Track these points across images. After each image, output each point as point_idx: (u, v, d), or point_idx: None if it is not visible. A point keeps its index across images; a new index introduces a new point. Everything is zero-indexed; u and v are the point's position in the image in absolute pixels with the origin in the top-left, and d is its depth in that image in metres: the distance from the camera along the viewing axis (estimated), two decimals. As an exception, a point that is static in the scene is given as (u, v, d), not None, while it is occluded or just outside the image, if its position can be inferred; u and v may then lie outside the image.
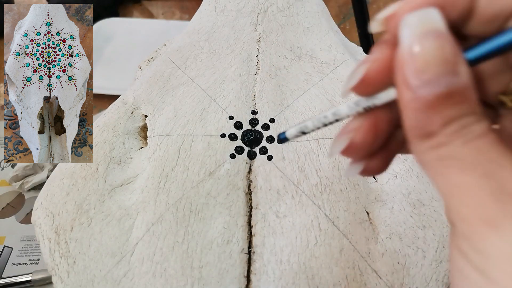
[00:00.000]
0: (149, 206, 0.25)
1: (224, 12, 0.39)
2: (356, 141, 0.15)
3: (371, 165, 0.16)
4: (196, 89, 0.32)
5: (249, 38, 0.36)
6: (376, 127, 0.15)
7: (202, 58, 0.35)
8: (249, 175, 0.27)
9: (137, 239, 0.24)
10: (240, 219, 0.25)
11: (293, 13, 0.39)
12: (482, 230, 0.11)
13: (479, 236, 0.11)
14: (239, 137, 0.29)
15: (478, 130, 0.12)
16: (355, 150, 0.15)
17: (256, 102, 0.31)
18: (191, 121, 0.29)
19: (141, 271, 0.23)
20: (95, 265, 0.24)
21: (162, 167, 0.27)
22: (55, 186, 0.27)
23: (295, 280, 0.22)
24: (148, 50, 0.41)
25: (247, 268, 0.23)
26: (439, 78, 0.12)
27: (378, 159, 0.16)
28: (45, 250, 0.25)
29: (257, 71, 0.33)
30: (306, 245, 0.24)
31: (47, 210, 0.26)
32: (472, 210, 0.12)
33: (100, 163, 0.28)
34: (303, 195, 0.26)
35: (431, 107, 0.12)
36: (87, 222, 0.25)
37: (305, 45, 0.36)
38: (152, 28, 0.71)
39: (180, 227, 0.24)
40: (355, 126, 0.15)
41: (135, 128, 0.31)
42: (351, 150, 0.15)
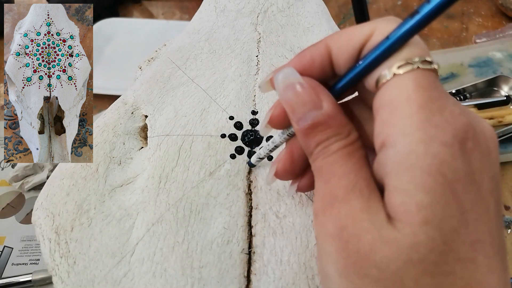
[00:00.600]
0: (149, 206, 0.25)
1: (224, 12, 0.39)
2: (279, 168, 0.21)
3: (301, 184, 0.21)
4: (196, 89, 0.32)
5: (249, 38, 0.36)
6: (292, 156, 0.20)
7: (202, 58, 0.35)
8: (249, 175, 0.27)
9: (137, 239, 0.24)
10: (240, 219, 0.25)
11: (293, 13, 0.39)
12: (314, 220, 0.17)
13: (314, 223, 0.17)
14: (239, 137, 0.29)
15: (333, 148, 0.17)
16: (281, 175, 0.21)
17: (256, 103, 0.31)
18: (191, 121, 0.29)
19: (141, 271, 0.23)
20: (95, 265, 0.24)
21: (162, 167, 0.27)
22: (55, 186, 0.27)
23: (295, 280, 0.22)
24: (148, 50, 0.41)
25: (247, 268, 0.23)
26: (305, 115, 0.17)
27: (306, 179, 0.21)
28: (45, 250, 0.25)
29: (257, 71, 0.33)
30: (306, 245, 0.24)
31: (47, 210, 0.26)
32: (313, 208, 0.17)
33: (100, 163, 0.28)
34: (303, 195, 0.26)
35: (307, 134, 0.17)
36: (87, 222, 0.25)
37: (305, 45, 0.36)
38: (152, 28, 0.71)
39: (180, 227, 0.24)
40: (278, 159, 0.21)
41: (135, 128, 0.31)
42: (279, 176, 0.21)
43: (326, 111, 0.17)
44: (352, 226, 0.15)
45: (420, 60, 0.15)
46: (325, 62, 0.18)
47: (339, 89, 0.18)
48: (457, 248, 0.14)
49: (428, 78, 0.15)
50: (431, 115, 0.15)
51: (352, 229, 0.15)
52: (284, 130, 0.21)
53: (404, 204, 0.14)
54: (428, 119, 0.15)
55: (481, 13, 0.73)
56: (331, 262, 0.16)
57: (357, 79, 0.17)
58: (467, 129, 0.15)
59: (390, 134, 0.15)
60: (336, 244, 0.15)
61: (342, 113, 0.17)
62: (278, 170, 0.21)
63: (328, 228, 0.16)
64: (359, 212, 0.15)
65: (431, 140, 0.14)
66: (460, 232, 0.14)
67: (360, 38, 0.17)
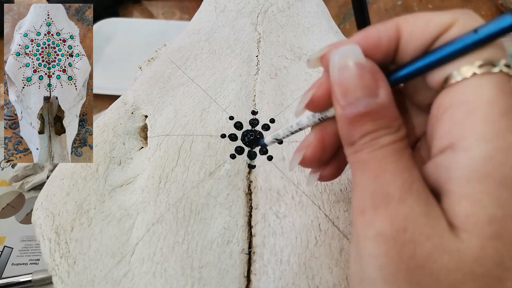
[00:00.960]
0: (149, 206, 0.25)
1: (224, 12, 0.39)
2: (307, 155, 0.19)
3: (325, 173, 0.20)
4: (196, 90, 0.32)
5: (249, 38, 0.36)
6: (323, 142, 0.19)
7: (202, 58, 0.35)
8: (249, 175, 0.27)
9: (137, 239, 0.24)
10: (240, 220, 0.25)
11: (293, 13, 0.39)
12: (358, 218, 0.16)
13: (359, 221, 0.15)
14: (239, 137, 0.29)
15: (383, 142, 0.15)
16: (308, 163, 0.19)
17: (256, 103, 0.31)
18: (191, 121, 0.29)
19: (141, 271, 0.23)
20: (95, 265, 0.24)
21: (162, 167, 0.27)
22: (55, 186, 0.27)
23: (295, 280, 0.22)
24: (148, 50, 0.41)
25: (247, 268, 0.23)
26: (359, 100, 0.15)
27: (331, 168, 0.20)
28: (45, 250, 0.25)
29: (257, 71, 0.33)
30: (306, 246, 0.24)
31: (47, 210, 0.26)
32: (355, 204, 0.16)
33: (100, 163, 0.28)
34: (303, 195, 0.26)
35: (353, 122, 0.16)
36: (87, 222, 0.25)
37: (305, 45, 0.36)
38: (152, 28, 0.71)
39: (180, 227, 0.24)
40: (307, 144, 0.19)
41: (135, 128, 0.31)
42: (305, 163, 0.19)
43: (381, 100, 0.15)
44: (412, 230, 0.14)
45: (504, 63, 0.14)
46: (392, 45, 0.16)
47: (399, 78, 0.17)
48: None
49: (507, 83, 0.14)
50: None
51: (411, 233, 0.14)
52: (316, 113, 0.19)
53: (474, 215, 0.14)
54: (510, 128, 0.14)
55: (481, 13, 0.73)
56: (377, 265, 0.15)
57: (426, 70, 0.16)
58: None
59: (464, 137, 0.14)
60: (387, 246, 0.14)
61: (395, 105, 0.16)
62: (306, 156, 0.19)
63: (380, 228, 0.14)
64: (420, 216, 0.14)
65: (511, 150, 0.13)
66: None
67: (438, 27, 0.15)
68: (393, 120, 0.15)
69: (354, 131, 0.16)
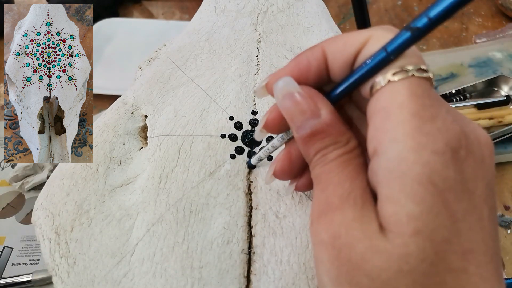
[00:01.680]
0: (149, 207, 0.25)
1: (224, 12, 0.39)
2: (277, 169, 0.21)
3: (300, 184, 0.22)
4: (196, 90, 0.32)
5: (249, 38, 0.36)
6: (290, 157, 0.20)
7: (202, 59, 0.35)
8: (249, 175, 0.27)
9: (137, 240, 0.24)
10: (240, 220, 0.25)
11: (293, 13, 0.39)
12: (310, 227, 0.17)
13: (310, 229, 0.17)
14: (239, 138, 0.29)
15: (331, 157, 0.17)
16: (279, 175, 0.21)
17: (256, 103, 0.31)
18: (191, 121, 0.29)
19: (141, 271, 0.23)
20: (95, 266, 0.24)
21: (162, 167, 0.27)
22: (55, 187, 0.27)
23: (295, 280, 0.22)
24: (148, 50, 0.41)
25: (247, 268, 0.23)
26: (304, 123, 0.17)
27: (305, 179, 0.21)
28: (45, 251, 0.25)
29: (257, 72, 0.33)
30: (306, 246, 0.24)
31: (47, 211, 0.26)
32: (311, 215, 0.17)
33: (100, 164, 0.28)
34: (303, 195, 0.26)
35: (306, 142, 0.17)
36: (87, 222, 0.25)
37: (305, 45, 0.36)
38: (152, 28, 0.71)
39: (180, 227, 0.24)
40: (277, 159, 0.21)
41: (135, 128, 0.31)
42: (277, 175, 0.21)
43: (324, 119, 0.17)
44: (345, 235, 0.15)
45: (415, 68, 0.15)
46: (322, 67, 0.18)
47: (336, 96, 0.19)
48: (448, 259, 0.14)
49: (422, 86, 0.15)
50: (423, 123, 0.15)
51: (345, 238, 0.15)
52: (283, 134, 0.21)
53: (395, 215, 0.14)
54: (420, 127, 0.15)
55: (481, 13, 0.73)
56: (325, 270, 0.16)
57: (353, 87, 0.18)
58: (459, 137, 0.15)
59: (382, 141, 0.15)
60: (329, 252, 0.15)
61: (340, 120, 0.18)
62: (276, 170, 0.21)
63: (321, 236, 0.16)
64: (352, 221, 0.15)
65: (422, 148, 0.14)
66: (452, 242, 0.14)
67: (355, 45, 0.17)
68: (340, 135, 0.17)
69: (309, 150, 0.18)
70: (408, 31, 0.15)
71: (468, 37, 0.68)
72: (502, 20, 0.71)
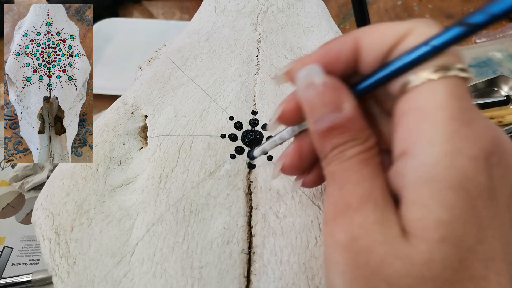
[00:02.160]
0: (149, 207, 0.25)
1: (224, 12, 0.39)
2: (286, 164, 0.20)
3: (307, 180, 0.21)
4: (196, 90, 0.32)
5: (249, 38, 0.36)
6: (300, 152, 0.20)
7: (202, 59, 0.35)
8: (249, 175, 0.27)
9: (137, 240, 0.24)
10: (240, 220, 0.25)
11: (293, 13, 0.39)
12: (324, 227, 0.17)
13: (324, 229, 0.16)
14: (239, 138, 0.29)
15: (349, 154, 0.16)
16: (287, 171, 0.20)
17: (256, 103, 0.31)
18: (191, 121, 0.29)
19: (141, 271, 0.23)
20: (95, 266, 0.24)
21: (162, 167, 0.27)
22: (55, 187, 0.27)
23: (295, 280, 0.22)
24: (148, 50, 0.41)
25: (247, 268, 0.23)
26: (324, 116, 0.16)
27: (313, 175, 0.21)
28: (45, 251, 0.25)
29: (257, 72, 0.33)
30: (306, 246, 0.24)
31: (47, 211, 0.26)
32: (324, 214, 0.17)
33: (100, 164, 0.28)
34: (303, 195, 0.26)
35: (323, 137, 0.16)
36: (87, 222, 0.25)
37: (305, 45, 0.36)
38: (152, 28, 0.71)
39: (180, 227, 0.24)
40: (286, 153, 0.20)
41: (135, 128, 0.31)
42: (285, 171, 0.20)
43: (346, 114, 0.16)
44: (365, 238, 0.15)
45: (457, 67, 0.15)
46: (352, 58, 0.17)
47: (362, 89, 0.17)
48: (472, 266, 0.14)
49: (461, 87, 0.15)
50: (461, 127, 0.14)
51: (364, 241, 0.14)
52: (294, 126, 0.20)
53: (422, 219, 0.14)
54: (458, 131, 0.14)
55: (481, 13, 0.72)
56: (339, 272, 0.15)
57: (385, 81, 0.16)
58: (493, 143, 0.14)
59: (415, 143, 0.15)
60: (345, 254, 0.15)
61: (362, 117, 0.17)
62: (285, 165, 0.20)
63: (338, 237, 0.15)
64: (373, 224, 0.15)
65: (457, 153, 0.14)
66: (476, 249, 0.14)
67: (394, 37, 0.16)
68: (360, 132, 0.16)
69: (325, 145, 0.17)
70: (461, 26, 0.14)
71: (468, 37, 0.68)
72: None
